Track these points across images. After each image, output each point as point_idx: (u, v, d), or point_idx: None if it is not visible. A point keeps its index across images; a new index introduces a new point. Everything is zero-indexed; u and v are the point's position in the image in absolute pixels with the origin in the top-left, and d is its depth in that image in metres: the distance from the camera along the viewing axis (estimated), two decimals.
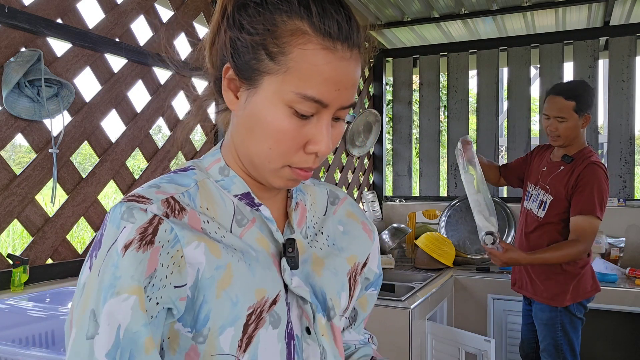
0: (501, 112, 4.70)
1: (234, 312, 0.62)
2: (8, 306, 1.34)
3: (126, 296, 0.56)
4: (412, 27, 3.97)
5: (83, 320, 0.57)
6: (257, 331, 0.63)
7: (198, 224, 0.63)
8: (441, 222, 3.80)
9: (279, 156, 0.63)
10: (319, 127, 0.62)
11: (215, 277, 0.61)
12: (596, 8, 3.58)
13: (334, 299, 0.71)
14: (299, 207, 0.74)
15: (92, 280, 0.58)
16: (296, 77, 0.60)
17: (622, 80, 3.58)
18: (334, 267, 0.74)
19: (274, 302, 0.65)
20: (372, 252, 0.83)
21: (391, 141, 4.36)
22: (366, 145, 3.90)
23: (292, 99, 0.61)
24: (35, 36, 1.57)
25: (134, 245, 0.57)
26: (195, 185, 0.67)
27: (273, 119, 0.62)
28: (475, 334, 2.36)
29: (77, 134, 1.71)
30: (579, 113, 2.24)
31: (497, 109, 3.93)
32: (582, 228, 2.17)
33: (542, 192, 2.39)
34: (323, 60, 0.60)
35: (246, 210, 0.68)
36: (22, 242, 5.08)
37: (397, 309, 2.33)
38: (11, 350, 1.04)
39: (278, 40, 0.60)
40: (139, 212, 0.59)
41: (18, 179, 1.54)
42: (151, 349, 0.58)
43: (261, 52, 0.61)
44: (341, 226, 0.79)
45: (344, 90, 0.62)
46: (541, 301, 2.33)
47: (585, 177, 2.21)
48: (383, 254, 3.58)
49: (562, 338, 2.29)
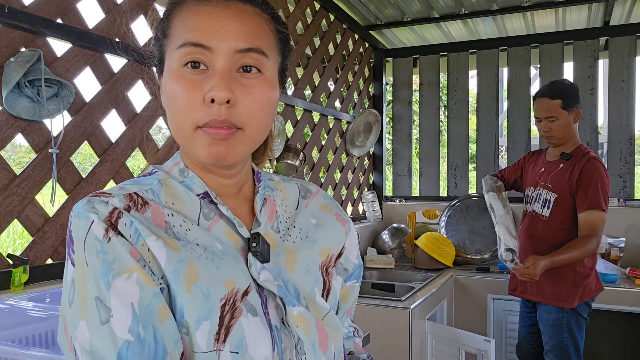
0: (501, 112, 4.70)
1: (208, 304, 0.61)
2: (8, 306, 1.34)
3: (127, 275, 0.57)
4: (412, 27, 3.97)
5: (90, 310, 0.56)
6: (236, 320, 0.62)
7: (161, 217, 0.64)
8: (441, 222, 3.79)
9: (184, 117, 0.63)
10: (213, 74, 0.63)
11: (180, 269, 0.61)
12: (596, 8, 3.58)
13: (307, 297, 0.70)
14: (268, 203, 0.74)
15: (81, 272, 0.58)
16: (176, 37, 0.65)
17: (622, 80, 3.58)
18: (306, 263, 0.73)
19: (246, 293, 0.65)
20: (347, 242, 0.81)
21: (391, 141, 4.36)
22: (366, 145, 3.90)
23: (178, 57, 0.64)
24: (35, 36, 1.56)
25: (111, 231, 0.59)
26: (158, 183, 0.68)
27: (171, 85, 0.64)
28: (475, 334, 2.36)
29: (77, 134, 1.71)
30: (567, 109, 2.31)
31: (497, 109, 3.93)
32: (593, 223, 2.22)
33: (544, 192, 2.39)
34: (194, 13, 0.64)
35: (211, 206, 0.69)
36: (22, 242, 5.08)
37: (397, 309, 2.33)
38: (11, 350, 1.04)
39: (167, 19, 0.67)
40: (100, 203, 0.60)
41: (18, 179, 1.53)
42: (166, 316, 0.58)
43: (160, 37, 0.68)
44: (314, 219, 0.79)
45: (225, 32, 0.63)
46: (548, 303, 2.32)
47: (588, 172, 2.25)
48: (383, 254, 3.58)
49: (568, 339, 2.30)
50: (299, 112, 3.09)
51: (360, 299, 2.45)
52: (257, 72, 0.65)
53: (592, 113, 3.64)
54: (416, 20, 3.83)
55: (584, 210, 2.24)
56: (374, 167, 4.21)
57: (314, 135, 3.22)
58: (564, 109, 2.30)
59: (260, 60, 0.65)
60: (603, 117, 4.14)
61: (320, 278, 0.74)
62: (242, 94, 0.63)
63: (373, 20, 3.89)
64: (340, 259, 0.80)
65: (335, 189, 3.53)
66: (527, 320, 2.54)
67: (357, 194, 3.91)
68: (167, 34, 0.67)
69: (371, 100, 4.20)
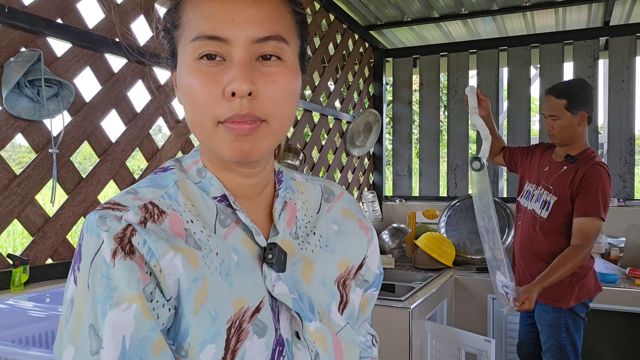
0: (501, 112, 4.71)
1: (214, 327, 0.59)
2: (8, 306, 1.34)
3: (126, 305, 0.54)
4: (412, 27, 3.97)
5: (82, 337, 0.54)
6: (241, 344, 0.60)
7: (181, 225, 0.61)
8: (441, 222, 3.79)
9: (205, 112, 0.60)
10: (231, 66, 0.59)
11: (193, 289, 0.58)
12: (596, 8, 3.58)
13: (322, 312, 0.67)
14: (288, 207, 0.71)
15: (82, 294, 0.56)
16: (189, 29, 0.61)
17: (622, 80, 3.58)
18: (321, 276, 0.70)
19: (257, 310, 0.62)
20: (369, 252, 0.78)
21: (391, 141, 4.36)
22: (366, 145, 3.90)
23: (192, 50, 0.60)
24: (35, 36, 1.56)
25: (119, 254, 0.55)
26: (174, 185, 0.64)
27: (187, 79, 0.60)
28: (475, 334, 2.36)
29: (77, 134, 1.71)
30: (571, 111, 2.25)
31: (497, 109, 3.93)
32: (586, 230, 2.17)
33: (545, 193, 2.36)
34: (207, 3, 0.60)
35: (228, 211, 0.66)
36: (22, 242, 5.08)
37: (397, 309, 2.33)
38: (11, 350, 1.04)
39: (178, 10, 0.63)
40: (113, 220, 0.57)
41: (18, 179, 1.53)
42: (160, 350, 0.56)
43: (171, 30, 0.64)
44: (335, 225, 0.75)
45: (241, 20, 0.59)
46: (545, 303, 2.31)
47: (590, 178, 2.20)
48: (383, 254, 3.58)
49: (566, 339, 2.29)
50: (298, 112, 3.09)
51: None
52: (278, 60, 0.61)
53: (592, 113, 3.64)
54: (416, 20, 3.83)
55: (580, 215, 2.20)
56: (374, 167, 4.21)
57: (314, 135, 3.22)
58: (567, 110, 2.26)
59: (281, 47, 0.61)
60: (603, 117, 4.14)
61: (337, 291, 0.71)
62: (264, 83, 0.59)
63: (373, 20, 3.89)
64: (361, 270, 0.76)
65: None
66: (527, 320, 2.54)
67: (357, 194, 3.91)
68: (178, 24, 0.62)
69: (371, 100, 4.20)
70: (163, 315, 0.57)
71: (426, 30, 4.07)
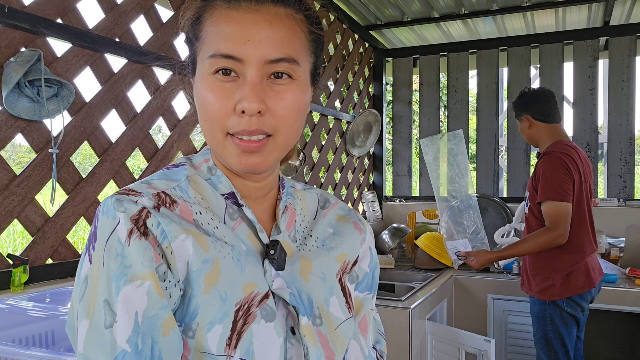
0: (501, 112, 4.71)
1: (223, 308, 0.61)
2: (8, 306, 1.34)
3: (140, 282, 0.57)
4: (412, 27, 3.97)
5: (97, 311, 0.57)
6: (248, 326, 0.62)
7: (190, 215, 0.64)
8: (441, 222, 3.79)
9: (216, 123, 0.64)
10: (244, 84, 0.63)
11: (203, 270, 0.61)
12: (596, 8, 3.58)
13: (321, 306, 0.70)
14: (288, 211, 0.75)
15: (97, 271, 0.58)
16: (207, 44, 0.65)
17: (622, 80, 3.58)
18: (321, 272, 0.72)
19: (267, 296, 0.65)
20: (362, 250, 0.81)
21: (391, 141, 4.36)
22: (366, 145, 3.90)
23: (208, 65, 0.64)
24: (35, 36, 1.56)
25: (135, 233, 0.59)
26: (186, 179, 0.68)
27: (202, 90, 0.65)
28: (475, 334, 2.36)
29: (77, 134, 1.71)
30: (518, 118, 2.57)
31: (497, 109, 3.93)
32: (548, 214, 2.30)
33: (527, 193, 2.54)
34: (225, 20, 0.64)
35: (234, 208, 0.70)
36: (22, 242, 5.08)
37: (397, 309, 2.33)
38: (11, 350, 1.04)
39: (199, 23, 0.67)
40: (129, 202, 0.60)
41: (18, 179, 1.53)
42: (170, 329, 0.58)
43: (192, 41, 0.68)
44: (331, 229, 0.79)
45: (256, 41, 0.63)
46: (532, 295, 2.43)
47: (539, 167, 2.39)
48: (383, 253, 3.57)
49: (552, 332, 2.36)
50: None
51: None
52: (289, 78, 0.65)
53: (592, 113, 3.64)
54: (416, 20, 3.83)
55: (539, 202, 2.35)
56: (374, 167, 4.21)
57: (314, 135, 3.22)
58: (517, 118, 2.59)
59: (292, 67, 0.65)
60: (603, 117, 4.14)
61: (337, 285, 0.74)
62: (274, 100, 0.64)
63: (373, 20, 3.89)
64: (355, 267, 0.79)
65: (335, 189, 3.53)
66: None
67: (357, 194, 3.91)
68: (199, 37, 0.66)
69: (371, 100, 4.20)
70: (175, 295, 0.60)
71: (426, 30, 4.07)
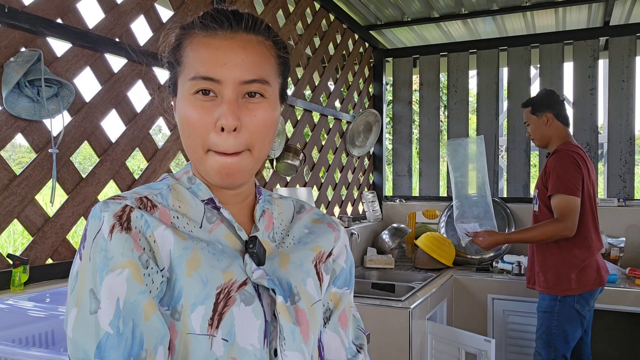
0: (501, 112, 4.71)
1: (205, 291, 0.67)
2: (8, 306, 1.34)
3: (119, 271, 0.63)
4: (412, 27, 3.97)
5: (84, 300, 0.63)
6: (228, 308, 0.68)
7: (168, 219, 0.71)
8: (441, 222, 3.79)
9: (197, 140, 0.71)
10: (222, 104, 0.70)
11: (184, 256, 0.68)
12: (596, 8, 3.58)
13: (298, 285, 0.76)
14: (266, 214, 0.82)
15: (85, 266, 0.65)
16: (188, 67, 0.72)
17: (622, 80, 3.58)
18: (299, 260, 0.79)
19: (244, 284, 0.71)
20: (338, 247, 0.87)
21: (391, 141, 4.36)
22: (366, 145, 3.90)
23: (189, 86, 0.71)
24: (35, 36, 1.56)
25: (116, 228, 0.65)
26: (167, 188, 0.76)
27: (184, 109, 0.71)
28: (475, 334, 2.36)
29: (77, 134, 1.71)
30: (535, 114, 2.59)
31: (497, 109, 3.93)
32: (558, 207, 2.37)
33: (535, 191, 2.59)
34: (203, 46, 0.71)
35: (214, 212, 0.76)
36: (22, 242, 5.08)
37: (397, 309, 2.33)
38: (11, 350, 1.04)
39: (180, 48, 0.74)
40: (114, 203, 0.68)
41: (18, 179, 1.53)
42: (151, 313, 0.64)
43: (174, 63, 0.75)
44: (306, 229, 0.86)
45: (232, 65, 0.70)
46: (541, 291, 2.45)
47: (550, 164, 2.45)
48: (383, 253, 3.58)
49: (556, 328, 2.37)
50: (299, 112, 3.09)
51: (360, 299, 2.45)
52: (261, 97, 0.72)
53: (592, 113, 3.64)
54: (416, 20, 3.83)
55: (549, 196, 2.41)
56: (374, 167, 4.21)
57: (314, 135, 3.22)
58: (533, 114, 2.60)
59: (264, 87, 0.72)
60: (603, 117, 4.15)
61: (313, 269, 0.80)
62: (248, 117, 0.71)
63: (373, 20, 3.89)
64: (330, 258, 0.85)
65: (335, 189, 3.53)
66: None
67: (357, 194, 3.91)
68: (180, 61, 0.74)
69: (371, 100, 4.20)
70: (157, 280, 0.66)
71: (426, 30, 4.07)
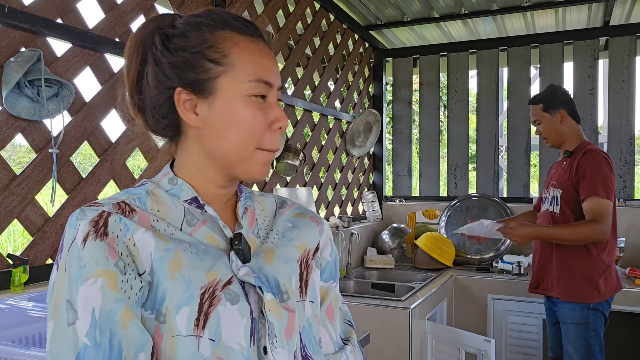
0: (501, 112, 4.70)
1: (189, 291, 0.67)
2: (8, 306, 1.34)
3: (93, 280, 0.62)
4: (412, 27, 3.97)
5: (60, 311, 0.62)
6: (214, 308, 0.68)
7: (148, 222, 0.70)
8: (441, 222, 3.79)
9: (253, 141, 0.73)
10: (275, 106, 0.75)
11: (166, 257, 0.67)
12: (596, 8, 3.58)
13: (286, 283, 0.76)
14: (248, 212, 0.82)
15: (61, 276, 0.64)
16: (243, 69, 0.73)
17: (622, 80, 3.58)
18: (284, 256, 0.79)
19: (229, 282, 0.70)
20: (322, 241, 0.88)
21: (391, 141, 4.36)
22: (366, 145, 3.90)
23: (247, 88, 0.72)
24: (35, 36, 1.56)
25: (90, 236, 0.64)
26: (146, 193, 0.74)
27: (240, 110, 0.72)
28: (475, 334, 2.36)
29: (77, 134, 1.71)
30: (548, 111, 2.44)
31: (497, 109, 3.93)
32: (593, 210, 2.23)
33: (552, 190, 2.45)
34: (254, 50, 0.74)
35: (196, 212, 0.75)
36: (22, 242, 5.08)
37: (397, 309, 2.33)
38: (11, 350, 1.04)
39: (216, 48, 0.73)
40: (90, 210, 0.67)
41: (18, 179, 1.53)
42: (128, 322, 0.63)
43: (205, 62, 0.72)
44: (290, 223, 0.86)
45: (275, 71, 0.76)
46: (570, 300, 2.29)
47: (584, 164, 2.30)
48: (383, 254, 3.57)
49: (594, 338, 2.24)
50: (299, 112, 3.09)
51: (360, 298, 2.45)
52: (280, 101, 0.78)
53: (592, 113, 3.64)
54: (416, 20, 3.83)
55: (584, 198, 2.27)
56: (374, 167, 4.21)
57: (314, 135, 3.22)
58: (545, 112, 2.44)
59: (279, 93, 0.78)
60: (603, 117, 4.14)
61: (297, 269, 0.80)
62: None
63: (373, 20, 3.89)
64: (318, 254, 0.86)
65: (335, 189, 3.53)
66: (552, 319, 2.49)
67: (357, 194, 3.91)
68: (221, 61, 0.72)
69: (371, 100, 4.20)
70: (136, 286, 0.65)
71: (426, 30, 4.07)
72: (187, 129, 0.76)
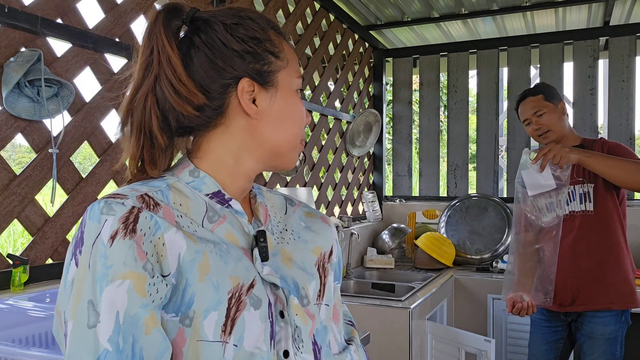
0: (501, 112, 4.71)
1: (217, 296, 0.65)
2: (8, 306, 1.34)
3: (120, 282, 0.59)
4: (412, 27, 3.97)
5: (81, 312, 0.59)
6: (240, 313, 0.66)
7: (172, 217, 0.67)
8: (441, 222, 3.79)
9: (301, 132, 0.79)
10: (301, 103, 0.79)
11: (196, 260, 0.65)
12: (596, 8, 3.58)
13: (305, 287, 0.76)
14: (261, 207, 0.81)
15: (82, 274, 0.60)
16: (293, 66, 0.78)
17: (622, 80, 3.58)
18: (301, 261, 0.78)
19: (252, 286, 0.69)
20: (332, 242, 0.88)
21: (391, 141, 4.36)
22: (366, 145, 3.90)
23: (297, 83, 0.78)
24: (35, 36, 1.56)
25: (119, 234, 0.61)
26: (167, 186, 0.71)
27: (295, 104, 0.77)
28: (475, 334, 2.36)
29: (77, 134, 1.71)
30: (551, 101, 2.18)
31: (497, 109, 3.93)
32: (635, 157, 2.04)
33: (577, 187, 2.15)
34: (292, 51, 0.80)
35: (217, 207, 0.73)
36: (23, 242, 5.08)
37: (397, 309, 2.33)
38: (11, 350, 1.04)
39: (273, 43, 0.75)
40: (118, 205, 0.63)
41: (18, 179, 1.53)
42: (152, 328, 0.61)
43: (268, 55, 0.74)
44: (302, 222, 0.86)
45: None
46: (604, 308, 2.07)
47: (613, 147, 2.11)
48: (383, 254, 3.58)
49: (619, 352, 2.10)
50: None
51: (360, 298, 2.45)
52: None
53: (592, 113, 3.65)
54: (416, 20, 3.83)
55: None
56: (374, 167, 4.21)
57: (314, 135, 3.22)
58: (548, 101, 2.17)
59: None
60: (603, 117, 4.14)
61: (316, 274, 0.79)
62: None
63: (373, 20, 3.89)
64: (332, 256, 0.86)
65: (335, 189, 3.53)
66: (550, 336, 2.23)
67: (357, 194, 3.91)
68: (281, 57, 0.76)
69: (371, 100, 4.20)
70: (162, 290, 0.63)
71: (426, 30, 4.07)
72: (232, 120, 0.73)
